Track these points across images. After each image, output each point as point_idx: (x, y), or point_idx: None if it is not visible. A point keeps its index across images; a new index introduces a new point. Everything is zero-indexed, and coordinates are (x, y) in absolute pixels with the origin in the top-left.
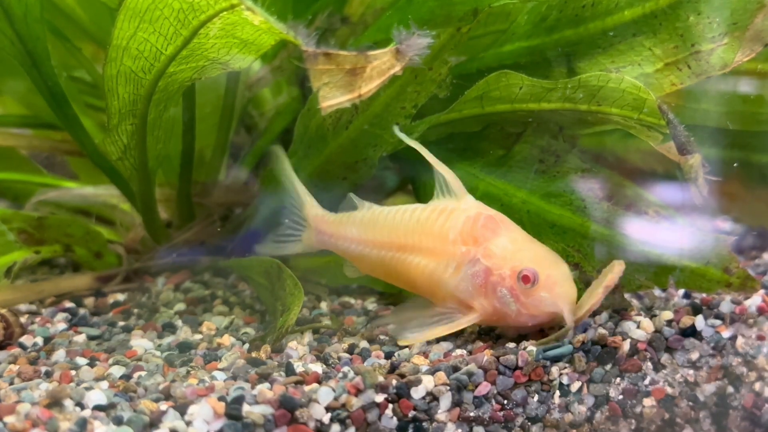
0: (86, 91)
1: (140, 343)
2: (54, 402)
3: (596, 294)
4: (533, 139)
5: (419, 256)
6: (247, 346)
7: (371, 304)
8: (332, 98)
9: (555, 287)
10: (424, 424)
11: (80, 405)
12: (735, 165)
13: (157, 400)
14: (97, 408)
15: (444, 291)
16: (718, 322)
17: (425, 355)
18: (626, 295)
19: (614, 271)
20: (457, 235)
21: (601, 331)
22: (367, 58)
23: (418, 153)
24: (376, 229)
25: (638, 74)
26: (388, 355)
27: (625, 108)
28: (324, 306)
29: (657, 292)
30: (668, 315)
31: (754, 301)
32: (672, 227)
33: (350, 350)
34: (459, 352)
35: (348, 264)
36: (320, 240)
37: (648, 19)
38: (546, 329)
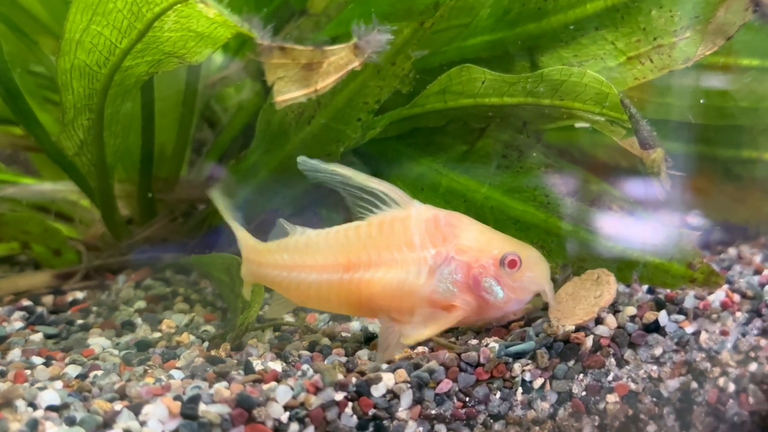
0: (45, 85)
1: (98, 341)
2: (5, 402)
3: (590, 311)
4: (497, 134)
5: (380, 271)
6: (206, 344)
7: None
8: (287, 93)
9: (537, 266)
10: (384, 422)
11: (33, 405)
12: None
13: (111, 400)
14: (50, 408)
15: (417, 299)
16: (681, 317)
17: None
18: None
19: (610, 292)
20: (423, 239)
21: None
22: (324, 53)
23: (383, 148)
24: (316, 252)
25: (601, 68)
26: (350, 353)
27: (588, 102)
28: None
29: (621, 287)
30: (631, 310)
31: (717, 296)
32: (636, 222)
33: (311, 348)
34: (420, 349)
35: (276, 300)
36: (251, 271)
37: (610, 13)
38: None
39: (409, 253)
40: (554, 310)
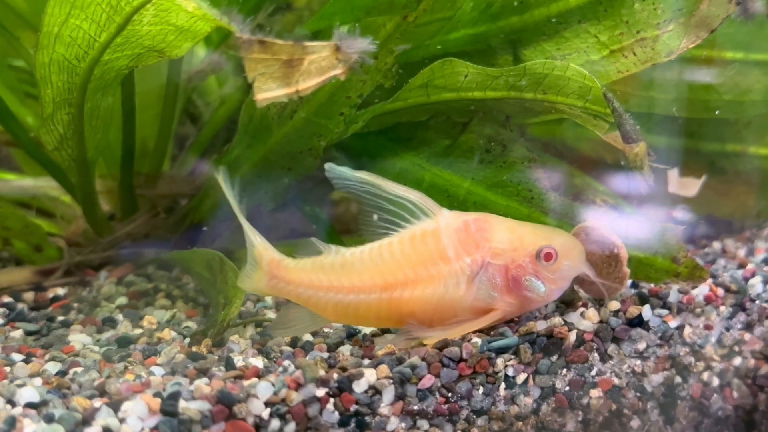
0: (26, 80)
1: (78, 338)
2: None
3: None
4: (480, 128)
5: (419, 288)
6: (188, 340)
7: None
8: (268, 90)
9: (572, 251)
10: (366, 418)
11: (11, 402)
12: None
13: (91, 397)
14: (29, 405)
15: (459, 309)
16: (665, 311)
17: (370, 348)
18: (575, 286)
19: (623, 270)
20: (457, 250)
21: (548, 321)
22: (304, 48)
23: (366, 142)
24: (351, 273)
25: (584, 61)
26: (332, 348)
27: (571, 96)
28: (268, 299)
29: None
30: (615, 305)
31: (701, 291)
32: (620, 217)
33: (293, 344)
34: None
35: (305, 316)
36: (274, 286)
37: (593, 6)
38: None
39: (445, 266)
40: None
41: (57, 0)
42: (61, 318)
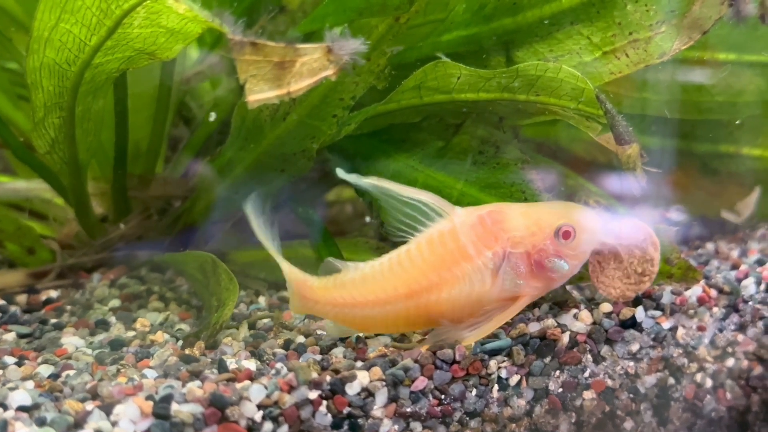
0: (20, 83)
1: (71, 341)
2: None
3: (627, 292)
4: (473, 130)
5: (445, 290)
6: (181, 342)
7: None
8: (259, 92)
9: (588, 224)
10: (359, 420)
11: (3, 406)
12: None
13: (83, 400)
14: (21, 409)
15: (487, 303)
16: (658, 313)
17: (362, 350)
18: (567, 287)
19: (651, 277)
20: (476, 246)
21: (541, 323)
22: (296, 51)
23: (359, 144)
24: (374, 286)
25: (577, 63)
26: (325, 351)
27: (564, 98)
28: (262, 300)
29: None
30: (608, 307)
31: (694, 292)
32: (614, 218)
33: (286, 346)
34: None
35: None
36: (304, 305)
37: (585, 8)
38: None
39: (467, 264)
40: (598, 275)
41: (47, 4)
42: (54, 320)
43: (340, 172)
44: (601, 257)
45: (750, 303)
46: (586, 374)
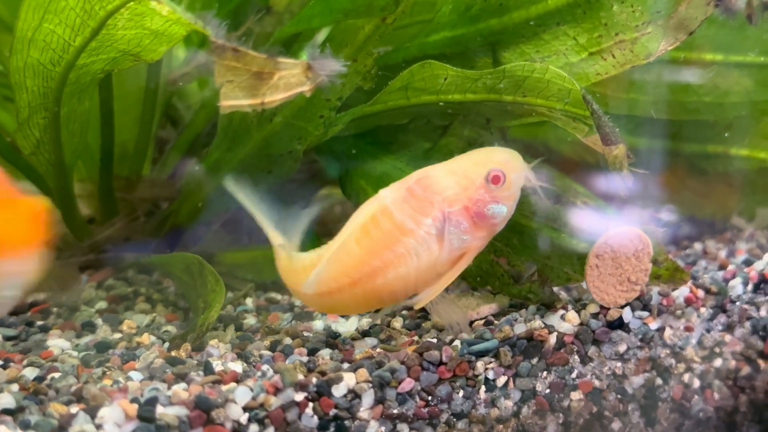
0: (5, 84)
1: (57, 343)
2: None
3: (624, 296)
4: (460, 131)
5: (392, 271)
6: (167, 344)
7: (298, 300)
8: (233, 98)
9: (513, 163)
10: (346, 422)
11: None
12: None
13: (68, 403)
14: (5, 412)
15: (438, 268)
16: (645, 313)
17: (349, 352)
18: (555, 289)
19: (644, 279)
20: (415, 218)
21: (528, 324)
22: (276, 64)
23: (345, 146)
24: (320, 281)
25: (563, 64)
26: (312, 352)
27: (551, 99)
28: (249, 302)
29: (585, 284)
30: (595, 307)
31: (681, 292)
32: (601, 219)
33: (272, 348)
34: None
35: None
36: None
37: (572, 8)
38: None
39: (409, 239)
40: (593, 286)
41: (30, 5)
42: (40, 323)
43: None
44: (600, 261)
45: (737, 303)
46: (574, 375)
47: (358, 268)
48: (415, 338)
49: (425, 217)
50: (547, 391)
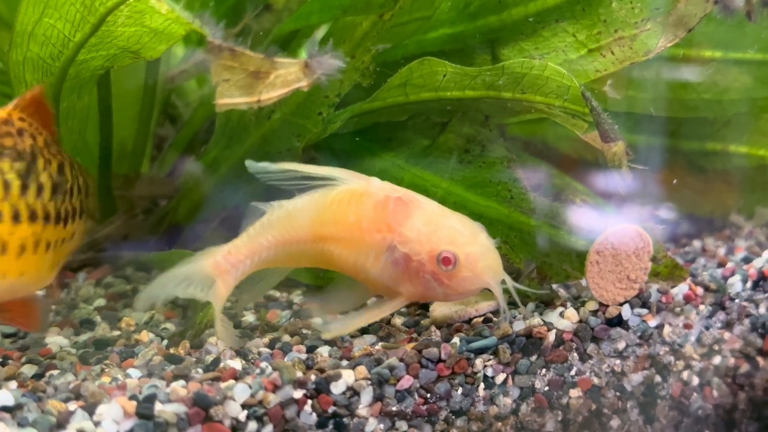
0: (4, 80)
1: (56, 340)
2: None
3: (623, 293)
4: (459, 128)
5: (339, 247)
6: (166, 342)
7: (297, 297)
8: (229, 97)
9: (477, 263)
10: (344, 419)
11: None
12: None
13: (66, 400)
14: (4, 409)
15: (371, 278)
16: (644, 311)
17: (348, 349)
18: (554, 286)
19: (643, 277)
20: (369, 223)
21: (527, 321)
22: (273, 64)
23: (344, 143)
24: (295, 223)
25: (562, 61)
26: (311, 349)
27: (550, 96)
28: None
29: (585, 281)
30: (594, 305)
31: (680, 290)
32: (600, 217)
33: (271, 345)
34: (381, 345)
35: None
36: (234, 274)
37: (571, 5)
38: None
39: (359, 234)
40: (593, 283)
41: None
42: None
43: (250, 164)
44: (600, 258)
45: (736, 301)
46: (573, 372)
47: (324, 226)
48: (414, 335)
49: (376, 232)
50: (546, 388)
